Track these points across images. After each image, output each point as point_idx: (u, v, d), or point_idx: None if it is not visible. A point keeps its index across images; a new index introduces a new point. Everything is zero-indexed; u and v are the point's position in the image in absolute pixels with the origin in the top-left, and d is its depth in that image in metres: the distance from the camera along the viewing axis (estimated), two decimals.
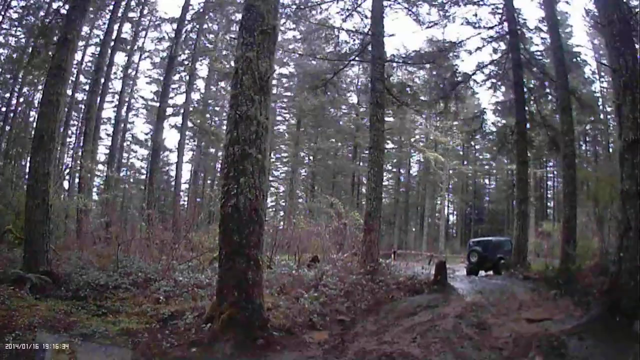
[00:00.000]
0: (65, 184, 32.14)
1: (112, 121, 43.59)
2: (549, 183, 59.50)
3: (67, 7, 19.36)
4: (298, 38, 38.47)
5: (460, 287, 18.50)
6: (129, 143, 51.11)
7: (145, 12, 41.06)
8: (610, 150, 40.11)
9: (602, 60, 34.28)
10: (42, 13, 30.09)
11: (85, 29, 28.76)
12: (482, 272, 26.28)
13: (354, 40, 25.62)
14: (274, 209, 54.30)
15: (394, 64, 26.72)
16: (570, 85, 24.84)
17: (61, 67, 15.83)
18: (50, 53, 19.69)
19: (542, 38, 27.81)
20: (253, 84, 10.90)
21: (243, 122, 10.71)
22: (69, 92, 23.87)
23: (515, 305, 14.87)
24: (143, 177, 50.28)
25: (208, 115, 51.58)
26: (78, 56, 33.25)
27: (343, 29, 25.41)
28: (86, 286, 14.12)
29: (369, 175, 21.91)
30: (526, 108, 27.36)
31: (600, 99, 37.80)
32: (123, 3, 36.89)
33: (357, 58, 25.83)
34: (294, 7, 25.76)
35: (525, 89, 27.25)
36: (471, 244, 29.51)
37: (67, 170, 32.00)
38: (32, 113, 38.31)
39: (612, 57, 12.52)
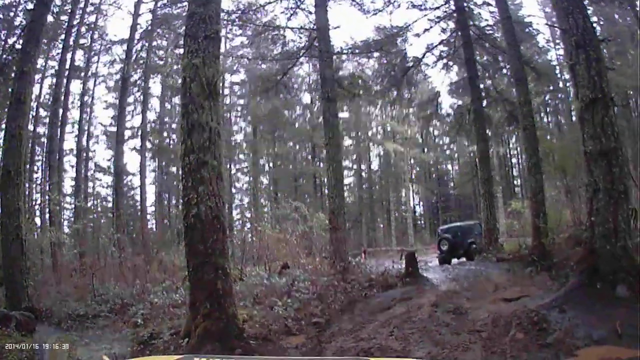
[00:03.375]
0: (37, 220, 32.20)
1: (75, 152, 43.14)
2: (514, 160, 59.60)
3: (21, 41, 19.77)
4: (246, 43, 38.44)
5: (434, 277, 18.80)
6: (92, 172, 50.57)
7: (95, 36, 40.72)
8: (573, 118, 40.19)
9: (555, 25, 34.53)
10: None
11: (40, 62, 28.57)
12: (455, 260, 26.05)
13: (301, 37, 25.91)
14: (240, 222, 53.98)
15: (344, 57, 26.89)
16: (524, 56, 24.96)
17: (20, 100, 16.17)
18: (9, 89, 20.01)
19: (490, 12, 27.74)
20: (202, 90, 10.99)
21: (195, 130, 10.80)
22: (31, 127, 23.98)
23: (491, 287, 14.97)
24: (110, 204, 49.77)
25: (165, 134, 51.18)
26: (36, 89, 32.97)
27: (289, 27, 25.71)
28: (67, 318, 14.87)
29: (328, 173, 22.07)
30: (481, 85, 27.69)
31: (557, 67, 37.97)
32: (73, 30, 36.56)
33: (305, 54, 26.02)
34: (239, 12, 25.93)
35: (478, 66, 27.52)
36: (440, 232, 29.25)
37: (37, 206, 31.75)
38: None
39: (560, 17, 12.57)
